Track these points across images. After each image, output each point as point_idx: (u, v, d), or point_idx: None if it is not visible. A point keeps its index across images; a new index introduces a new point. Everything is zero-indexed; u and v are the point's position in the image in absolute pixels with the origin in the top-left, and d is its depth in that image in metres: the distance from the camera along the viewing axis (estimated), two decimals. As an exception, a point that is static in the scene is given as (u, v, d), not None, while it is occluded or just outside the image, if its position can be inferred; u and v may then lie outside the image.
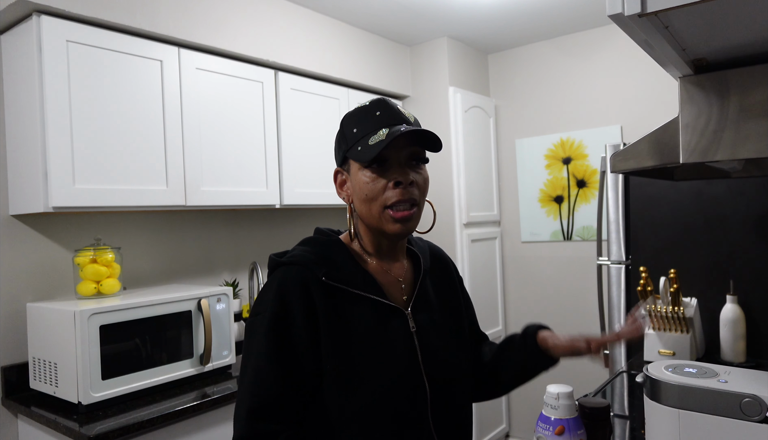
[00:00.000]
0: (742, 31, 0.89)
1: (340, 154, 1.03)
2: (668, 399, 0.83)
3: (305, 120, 2.62)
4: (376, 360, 0.95)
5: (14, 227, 1.97)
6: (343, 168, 1.04)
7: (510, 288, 3.58)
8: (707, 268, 2.01)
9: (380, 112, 0.99)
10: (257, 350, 0.92)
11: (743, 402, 0.76)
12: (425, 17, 2.90)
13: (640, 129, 2.99)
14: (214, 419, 1.85)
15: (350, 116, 1.03)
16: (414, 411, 0.96)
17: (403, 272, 1.07)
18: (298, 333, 0.92)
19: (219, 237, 2.60)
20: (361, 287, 0.98)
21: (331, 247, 1.02)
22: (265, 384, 0.90)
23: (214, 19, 2.24)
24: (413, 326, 1.01)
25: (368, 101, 1.02)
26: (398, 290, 1.04)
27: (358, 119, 1.00)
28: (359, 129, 0.99)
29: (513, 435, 3.52)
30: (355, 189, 1.00)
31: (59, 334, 1.74)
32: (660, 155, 1.16)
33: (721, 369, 0.86)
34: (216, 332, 2.04)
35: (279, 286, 0.95)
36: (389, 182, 0.96)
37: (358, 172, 0.99)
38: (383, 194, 0.96)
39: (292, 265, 0.98)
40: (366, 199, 0.97)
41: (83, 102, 1.84)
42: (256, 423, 0.88)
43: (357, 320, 0.96)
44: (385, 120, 0.98)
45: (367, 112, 1.00)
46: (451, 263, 1.21)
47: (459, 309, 1.15)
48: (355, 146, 0.98)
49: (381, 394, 0.93)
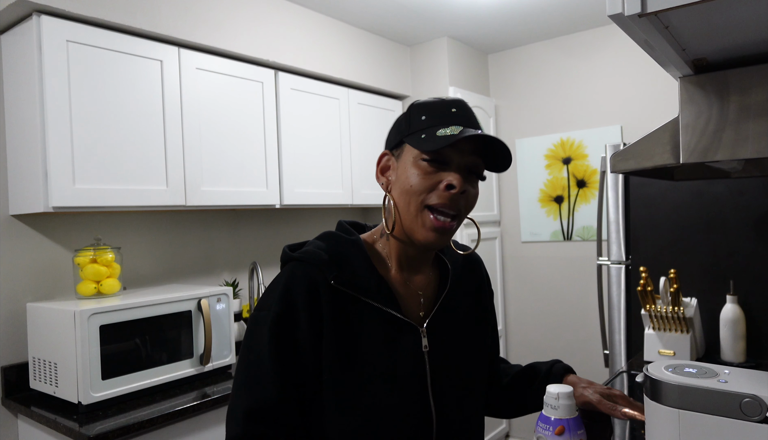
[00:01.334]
0: (742, 31, 0.89)
1: (397, 136, 0.94)
2: (668, 399, 0.83)
3: (305, 120, 2.62)
4: (380, 378, 0.88)
5: (14, 227, 1.97)
6: (393, 152, 0.95)
7: (510, 288, 3.58)
8: (707, 268, 2.01)
9: (456, 109, 0.92)
10: (258, 348, 0.87)
11: (743, 402, 0.76)
12: (425, 17, 2.90)
13: (640, 129, 2.99)
14: (214, 419, 1.85)
15: (422, 103, 0.94)
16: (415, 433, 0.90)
17: (424, 284, 0.99)
18: (301, 336, 0.86)
19: (219, 237, 2.60)
20: (374, 296, 0.90)
21: (349, 247, 0.94)
22: (264, 384, 0.85)
23: (214, 19, 2.24)
24: (426, 345, 0.93)
25: (444, 97, 0.95)
26: (416, 304, 0.96)
27: (431, 109, 0.92)
28: (429, 118, 0.90)
29: (513, 435, 3.53)
30: (400, 177, 0.91)
31: (59, 334, 1.73)
32: (660, 155, 1.16)
33: (721, 369, 0.86)
34: (216, 332, 2.04)
35: (285, 284, 0.89)
36: (442, 182, 0.88)
37: (411, 160, 0.90)
38: (429, 192, 0.88)
39: (301, 262, 0.91)
40: (409, 191, 0.89)
41: (83, 102, 1.84)
42: (253, 425, 0.83)
43: (364, 331, 0.89)
44: (459, 119, 0.90)
45: (442, 105, 0.93)
46: (486, 277, 1.13)
47: (483, 328, 1.07)
48: (419, 132, 0.89)
49: (380, 411, 0.87)
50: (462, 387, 0.97)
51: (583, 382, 1.02)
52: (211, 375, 2.04)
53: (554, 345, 3.36)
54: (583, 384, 1.01)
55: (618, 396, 0.98)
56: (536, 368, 1.09)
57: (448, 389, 0.94)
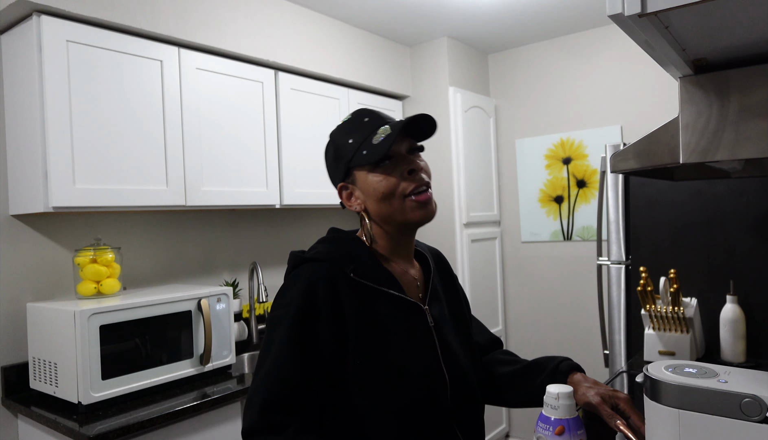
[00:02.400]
0: (742, 31, 0.89)
1: (340, 170, 1.05)
2: (668, 399, 0.83)
3: (305, 120, 2.62)
4: (403, 355, 0.97)
5: (14, 227, 1.97)
6: (346, 182, 1.05)
7: (510, 288, 3.58)
8: (707, 268, 2.01)
9: (368, 118, 1.03)
10: (279, 342, 0.92)
11: (743, 402, 0.76)
12: (425, 17, 2.90)
13: (640, 129, 2.99)
14: (214, 419, 1.85)
15: (338, 132, 1.06)
16: (437, 404, 0.99)
17: (417, 272, 1.11)
18: (323, 330, 0.93)
19: (219, 237, 2.60)
20: (385, 283, 1.01)
21: (354, 245, 1.04)
22: (283, 378, 0.90)
23: (214, 19, 2.24)
24: (431, 321, 1.04)
25: (349, 115, 1.07)
26: (415, 289, 1.08)
27: (349, 131, 1.03)
28: (355, 138, 1.02)
29: (513, 435, 3.52)
30: (368, 194, 1.02)
31: (59, 334, 1.73)
32: (660, 155, 1.16)
33: (721, 369, 0.86)
34: (216, 332, 2.04)
35: (307, 281, 0.96)
36: (402, 173, 1.00)
37: (367, 176, 1.01)
38: (399, 186, 1.00)
39: (318, 261, 0.99)
40: (384, 197, 1.00)
41: (83, 102, 1.84)
42: (268, 416, 0.88)
43: (382, 315, 0.98)
44: (376, 122, 1.02)
45: (354, 122, 1.04)
46: (449, 264, 1.24)
47: (461, 307, 1.18)
48: (358, 152, 1.00)
49: (409, 387, 0.96)
50: (462, 361, 1.07)
51: (587, 382, 1.04)
52: (211, 375, 2.04)
53: (554, 345, 3.36)
54: (588, 383, 1.03)
55: (621, 400, 0.99)
56: (543, 364, 1.13)
57: (454, 362, 1.05)
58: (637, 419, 0.95)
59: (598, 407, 0.99)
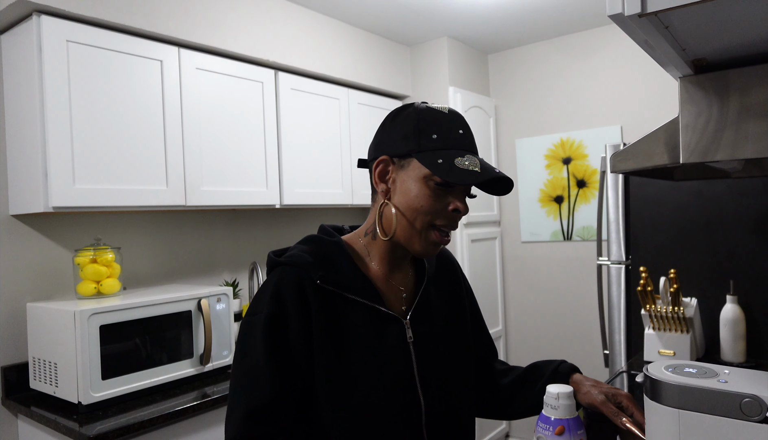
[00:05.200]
0: (742, 31, 0.89)
1: (404, 146, 0.94)
2: (668, 399, 0.82)
3: (305, 120, 2.62)
4: (368, 368, 0.92)
5: (14, 227, 1.97)
6: (393, 159, 0.96)
7: (510, 288, 3.58)
8: (707, 268, 2.01)
9: (463, 131, 0.94)
10: (253, 350, 0.90)
11: (743, 402, 0.76)
12: (425, 17, 2.90)
13: (640, 129, 2.99)
14: (214, 419, 1.85)
15: (430, 117, 0.94)
16: (406, 423, 0.94)
17: (405, 280, 1.04)
18: (293, 337, 0.90)
19: (219, 237, 2.60)
20: (359, 292, 0.95)
21: (332, 248, 0.98)
22: (262, 384, 0.87)
23: (214, 19, 2.24)
24: (410, 336, 0.98)
25: (444, 109, 0.96)
26: (398, 299, 1.01)
27: (439, 126, 0.93)
28: (440, 138, 0.92)
29: (513, 435, 3.52)
30: (404, 191, 0.94)
31: (59, 334, 1.74)
32: (660, 155, 1.16)
33: (721, 369, 0.86)
34: (216, 332, 2.04)
35: (275, 287, 0.93)
36: (449, 205, 0.93)
37: (419, 177, 0.93)
38: (436, 214, 0.93)
39: (288, 265, 0.95)
40: (419, 209, 0.93)
41: (83, 102, 1.84)
42: (252, 426, 0.86)
43: (351, 325, 0.93)
44: (467, 145, 0.94)
45: (448, 123, 0.94)
46: (460, 270, 1.17)
47: (464, 319, 1.11)
48: (432, 153, 0.91)
49: (375, 404, 0.91)
50: (447, 378, 1.01)
51: (588, 382, 1.02)
52: (211, 375, 2.04)
53: (554, 345, 3.36)
54: (589, 383, 1.02)
55: (623, 397, 0.98)
56: (541, 368, 1.10)
57: (435, 380, 0.98)
58: (640, 415, 0.95)
59: (603, 406, 0.97)
